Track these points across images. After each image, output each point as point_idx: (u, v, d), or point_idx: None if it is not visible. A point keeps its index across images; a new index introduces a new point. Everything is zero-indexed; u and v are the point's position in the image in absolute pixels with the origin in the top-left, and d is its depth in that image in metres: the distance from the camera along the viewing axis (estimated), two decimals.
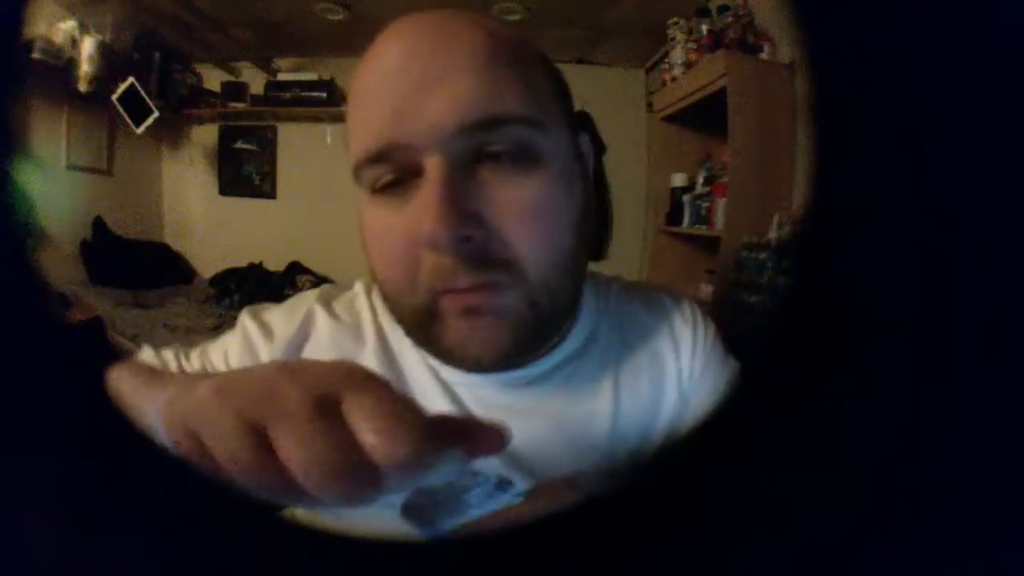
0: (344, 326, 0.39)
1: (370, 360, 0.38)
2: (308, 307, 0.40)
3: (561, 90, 0.34)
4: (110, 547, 0.17)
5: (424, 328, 0.31)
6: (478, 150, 0.29)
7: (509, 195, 0.29)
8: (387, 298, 0.33)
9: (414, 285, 0.30)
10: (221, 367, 0.38)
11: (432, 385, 0.37)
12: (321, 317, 0.39)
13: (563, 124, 0.33)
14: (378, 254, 0.32)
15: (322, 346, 0.38)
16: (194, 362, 0.39)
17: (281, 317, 0.39)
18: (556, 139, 0.32)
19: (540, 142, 0.30)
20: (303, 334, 0.38)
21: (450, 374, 0.37)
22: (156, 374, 0.20)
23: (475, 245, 0.28)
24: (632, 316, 0.42)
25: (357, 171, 0.31)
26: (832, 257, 0.17)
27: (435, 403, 0.37)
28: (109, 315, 2.06)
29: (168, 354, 0.39)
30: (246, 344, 0.38)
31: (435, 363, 0.37)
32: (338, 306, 0.41)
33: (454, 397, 0.37)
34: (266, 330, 0.39)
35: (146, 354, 0.40)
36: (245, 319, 0.40)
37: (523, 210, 0.29)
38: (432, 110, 0.28)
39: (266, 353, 0.37)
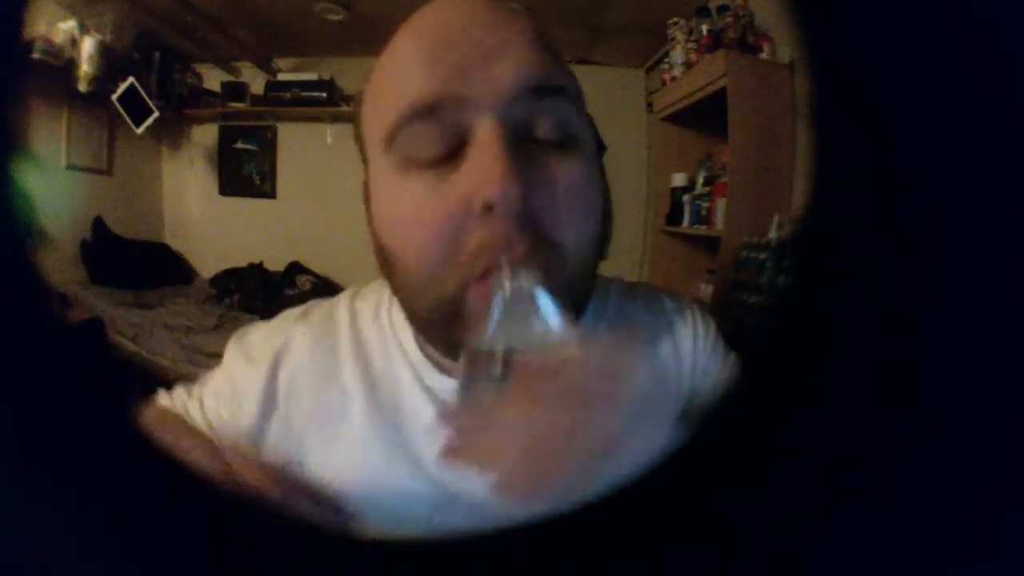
0: (322, 339, 0.40)
1: (349, 370, 0.38)
2: (290, 323, 0.41)
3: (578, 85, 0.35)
4: (109, 548, 0.17)
5: (446, 323, 0.29)
6: (528, 122, 0.28)
7: (555, 173, 0.28)
8: (408, 289, 0.31)
9: (449, 267, 0.28)
10: (210, 402, 0.40)
11: (418, 394, 0.37)
12: (299, 333, 0.40)
13: (586, 116, 0.34)
14: (408, 234, 0.29)
15: (302, 360, 0.39)
16: (195, 396, 0.41)
17: (262, 337, 0.41)
18: (586, 127, 0.32)
19: (579, 124, 0.31)
20: (283, 352, 0.39)
21: (438, 382, 0.37)
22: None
23: (530, 216, 0.27)
24: (630, 318, 0.41)
25: (392, 136, 0.29)
26: (832, 257, 0.17)
27: (423, 413, 0.37)
28: (109, 315, 2.06)
29: (179, 391, 0.42)
30: (229, 378, 0.40)
31: (423, 372, 0.37)
32: (317, 317, 0.41)
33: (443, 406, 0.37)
34: (247, 356, 0.40)
35: (164, 399, 0.42)
36: (229, 348, 0.41)
37: (568, 189, 0.29)
38: (494, 71, 0.27)
39: (249, 381, 0.39)
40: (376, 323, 0.40)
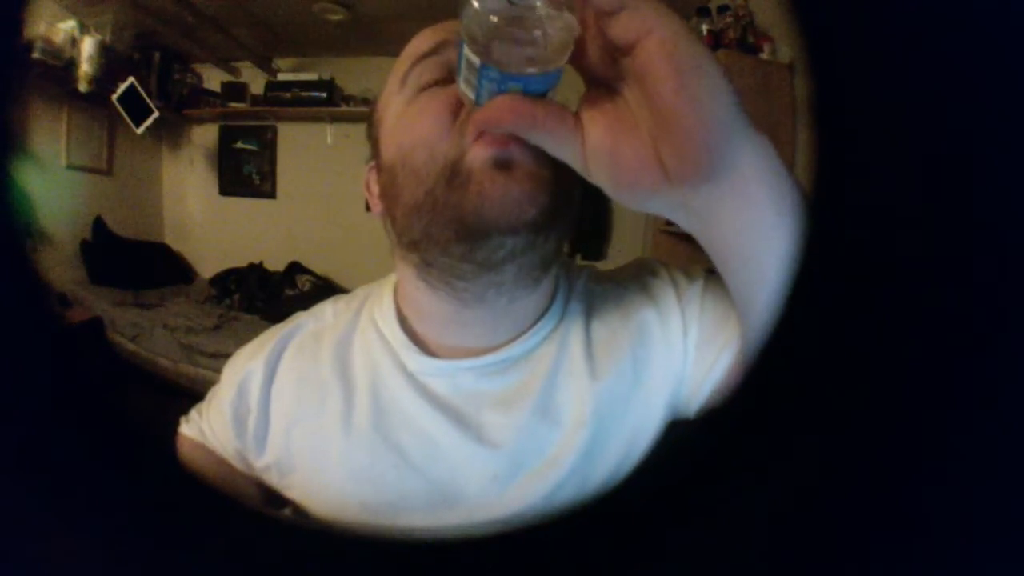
0: (308, 332, 0.43)
1: (327, 366, 0.40)
2: (279, 331, 0.43)
3: None
4: (109, 548, 0.17)
5: (443, 197, 0.31)
6: None
7: None
8: (412, 179, 0.33)
9: (448, 140, 0.31)
10: (216, 413, 0.43)
11: (399, 379, 0.38)
12: (284, 332, 0.43)
13: None
14: (415, 128, 0.33)
15: (288, 354, 0.42)
16: (204, 414, 0.44)
17: (250, 348, 0.43)
18: None
19: None
20: (280, 347, 0.42)
21: (420, 363, 0.38)
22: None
23: None
24: (603, 294, 0.42)
25: (406, 74, 0.35)
26: (832, 257, 0.17)
27: (404, 401, 0.37)
28: (109, 315, 2.06)
29: (194, 415, 0.45)
30: (217, 399, 0.43)
31: (404, 354, 0.38)
32: (305, 317, 0.44)
33: (424, 390, 0.37)
34: (224, 381, 0.43)
35: (184, 428, 0.45)
36: (223, 372, 0.44)
37: None
38: None
39: (225, 402, 0.41)
40: (356, 318, 0.42)
